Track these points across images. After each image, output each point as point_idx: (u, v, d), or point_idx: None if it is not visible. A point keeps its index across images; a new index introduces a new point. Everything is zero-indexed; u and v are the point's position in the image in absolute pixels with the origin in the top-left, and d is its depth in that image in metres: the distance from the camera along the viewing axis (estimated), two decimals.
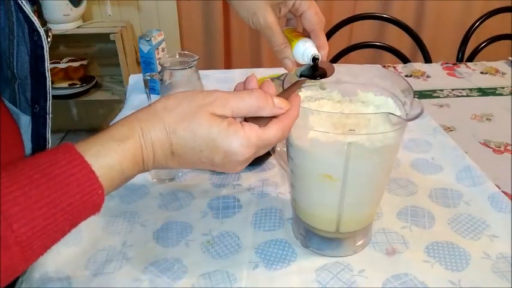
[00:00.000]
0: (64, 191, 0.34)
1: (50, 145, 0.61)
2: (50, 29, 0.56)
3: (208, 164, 0.41)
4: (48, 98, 0.58)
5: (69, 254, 0.57)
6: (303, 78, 0.51)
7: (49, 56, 0.55)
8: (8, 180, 0.32)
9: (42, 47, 0.54)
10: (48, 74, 0.56)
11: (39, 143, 0.60)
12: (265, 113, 0.41)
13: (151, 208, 0.66)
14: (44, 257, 0.57)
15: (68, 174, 0.34)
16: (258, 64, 2.22)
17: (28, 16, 0.52)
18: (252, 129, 0.40)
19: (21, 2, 0.51)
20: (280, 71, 1.00)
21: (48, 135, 0.60)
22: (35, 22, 0.53)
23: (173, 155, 0.40)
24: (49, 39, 0.55)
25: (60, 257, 0.56)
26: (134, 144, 0.38)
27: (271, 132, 0.41)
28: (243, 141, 0.39)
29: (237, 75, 1.15)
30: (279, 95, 0.45)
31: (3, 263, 0.31)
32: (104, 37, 1.96)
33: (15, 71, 0.55)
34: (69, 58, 2.12)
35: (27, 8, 0.52)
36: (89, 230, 0.61)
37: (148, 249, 0.59)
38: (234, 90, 0.45)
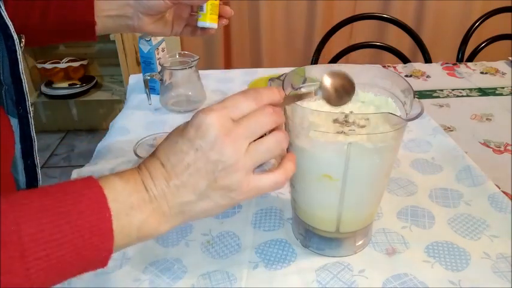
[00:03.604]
0: (75, 205, 0.35)
1: (36, 143, 0.62)
2: (23, 35, 0.56)
3: (214, 187, 0.39)
4: (26, 99, 0.58)
5: None
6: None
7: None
8: (24, 192, 0.34)
9: (16, 51, 0.54)
10: (23, 77, 0.57)
11: (26, 143, 0.61)
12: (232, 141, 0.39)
13: None
14: None
15: (80, 194, 0.35)
16: (258, 64, 2.22)
17: (4, 21, 0.52)
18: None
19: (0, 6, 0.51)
20: (280, 71, 1.00)
21: (33, 133, 0.61)
22: (9, 26, 0.53)
23: (163, 166, 0.39)
24: (22, 45, 0.56)
25: None
26: (131, 171, 0.40)
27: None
28: (234, 145, 0.39)
29: (237, 75, 1.15)
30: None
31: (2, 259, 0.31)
32: (104, 37, 1.96)
33: (1, 77, 0.56)
34: (69, 58, 2.12)
35: (4, 13, 0.52)
36: None
37: (148, 249, 0.59)
38: None
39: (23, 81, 0.58)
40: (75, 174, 0.73)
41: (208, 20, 0.61)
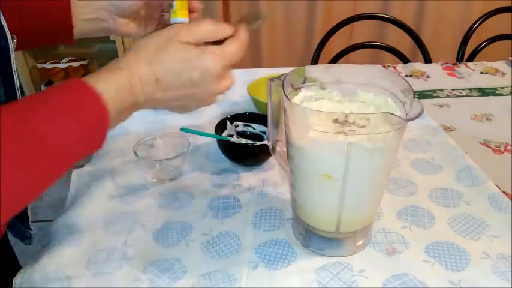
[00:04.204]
0: (70, 98, 0.41)
1: None
2: (15, 36, 0.58)
3: (190, 86, 0.47)
4: (18, 95, 0.59)
5: (69, 254, 0.57)
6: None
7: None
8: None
9: (9, 50, 0.56)
10: (15, 74, 0.58)
11: None
12: (220, 34, 0.49)
13: (151, 208, 0.66)
14: (44, 257, 0.57)
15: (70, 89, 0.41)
16: (258, 64, 2.22)
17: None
18: (214, 46, 0.48)
19: None
20: (280, 71, 1.00)
21: None
22: (4, 26, 0.54)
23: (158, 82, 0.46)
24: (14, 44, 0.57)
25: (60, 258, 0.56)
26: (122, 72, 0.44)
27: (231, 46, 0.49)
28: (212, 55, 0.47)
29: (237, 75, 1.14)
30: None
31: None
32: (104, 37, 1.97)
33: None
34: (69, 58, 2.12)
35: (0, 13, 0.53)
36: (89, 230, 0.61)
37: (148, 249, 0.59)
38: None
39: (15, 78, 0.58)
40: (75, 174, 0.73)
41: (180, 15, 0.65)
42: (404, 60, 1.41)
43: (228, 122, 0.79)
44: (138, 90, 0.45)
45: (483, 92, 1.07)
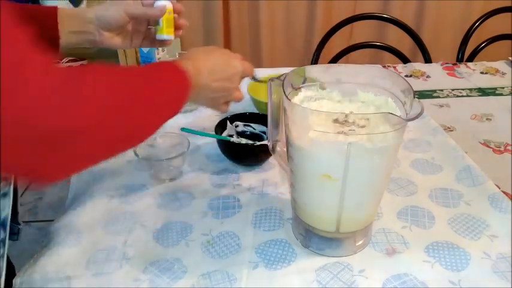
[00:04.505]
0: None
1: None
2: None
3: (226, 79, 0.60)
4: None
5: (69, 254, 0.57)
6: None
7: None
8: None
9: None
10: None
11: None
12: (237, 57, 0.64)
13: (151, 208, 0.66)
14: (44, 257, 0.57)
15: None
16: (258, 64, 2.22)
17: None
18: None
19: None
20: (280, 71, 1.00)
21: None
22: None
23: (209, 73, 0.58)
24: None
25: (60, 258, 0.56)
26: (187, 62, 0.55)
27: (246, 62, 0.64)
28: (238, 59, 0.62)
29: None
30: None
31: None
32: None
33: None
34: (69, 58, 2.12)
35: None
36: (89, 230, 0.61)
37: (149, 249, 0.59)
38: None
39: None
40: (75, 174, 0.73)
41: (165, 32, 0.67)
42: (404, 60, 1.41)
43: (228, 122, 0.79)
44: (199, 75, 0.55)
45: (483, 92, 1.07)
